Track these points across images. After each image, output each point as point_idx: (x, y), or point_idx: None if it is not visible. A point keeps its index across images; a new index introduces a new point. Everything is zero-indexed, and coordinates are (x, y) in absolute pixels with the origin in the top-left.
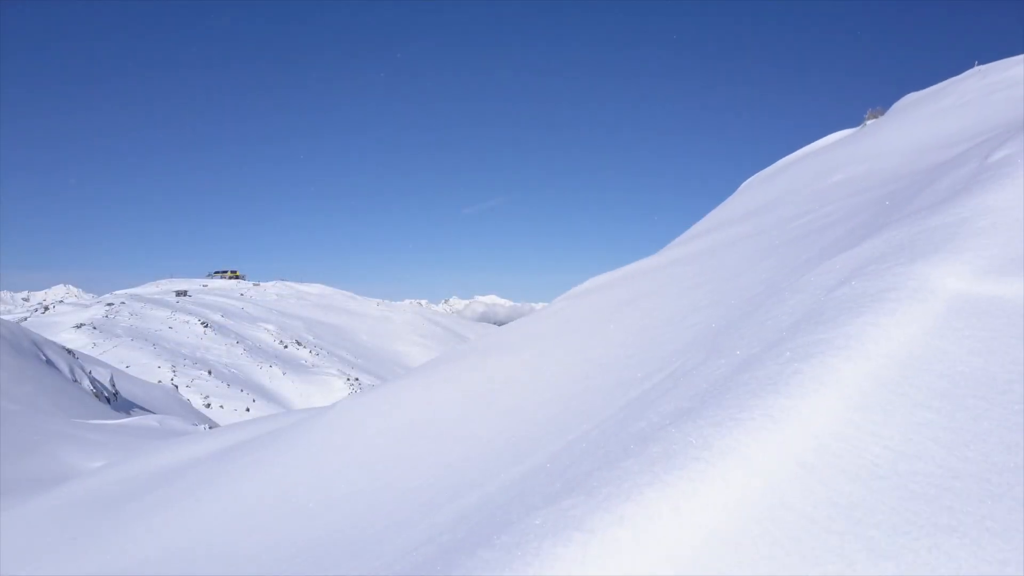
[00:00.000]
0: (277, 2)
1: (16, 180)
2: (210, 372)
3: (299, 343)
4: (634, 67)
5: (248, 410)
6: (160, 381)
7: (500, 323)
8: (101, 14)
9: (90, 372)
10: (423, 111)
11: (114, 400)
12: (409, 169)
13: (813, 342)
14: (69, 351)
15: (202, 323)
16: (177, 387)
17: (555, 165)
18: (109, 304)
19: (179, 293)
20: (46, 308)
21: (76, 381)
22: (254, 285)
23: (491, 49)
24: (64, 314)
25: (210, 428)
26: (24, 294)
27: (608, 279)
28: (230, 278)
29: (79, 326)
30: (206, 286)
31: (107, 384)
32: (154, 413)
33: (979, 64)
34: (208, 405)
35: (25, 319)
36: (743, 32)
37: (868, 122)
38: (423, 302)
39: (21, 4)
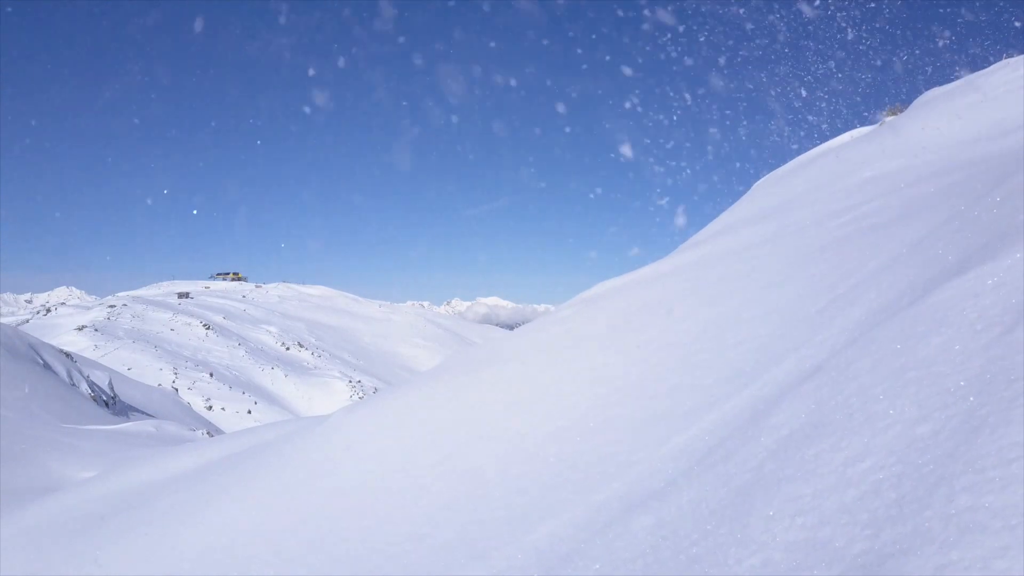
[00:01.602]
0: (280, 1)
1: (20, 182)
2: (212, 374)
3: (301, 345)
4: (640, 65)
5: (250, 412)
6: (161, 384)
7: (502, 325)
8: (104, 14)
9: (88, 376)
10: (426, 111)
11: (112, 404)
12: (412, 170)
13: None
14: (67, 354)
15: (204, 325)
16: (178, 390)
17: (559, 166)
18: (111, 306)
19: (181, 295)
20: (48, 310)
21: (74, 385)
22: (256, 287)
23: (495, 48)
24: (66, 316)
25: (208, 432)
26: (27, 296)
27: (621, 283)
28: (232, 280)
29: (81, 328)
30: (208, 288)
31: (105, 388)
32: (153, 417)
33: (1007, 57)
34: (210, 408)
35: (27, 321)
36: (751, 30)
37: (887, 119)
38: (425, 304)
39: (23, 4)
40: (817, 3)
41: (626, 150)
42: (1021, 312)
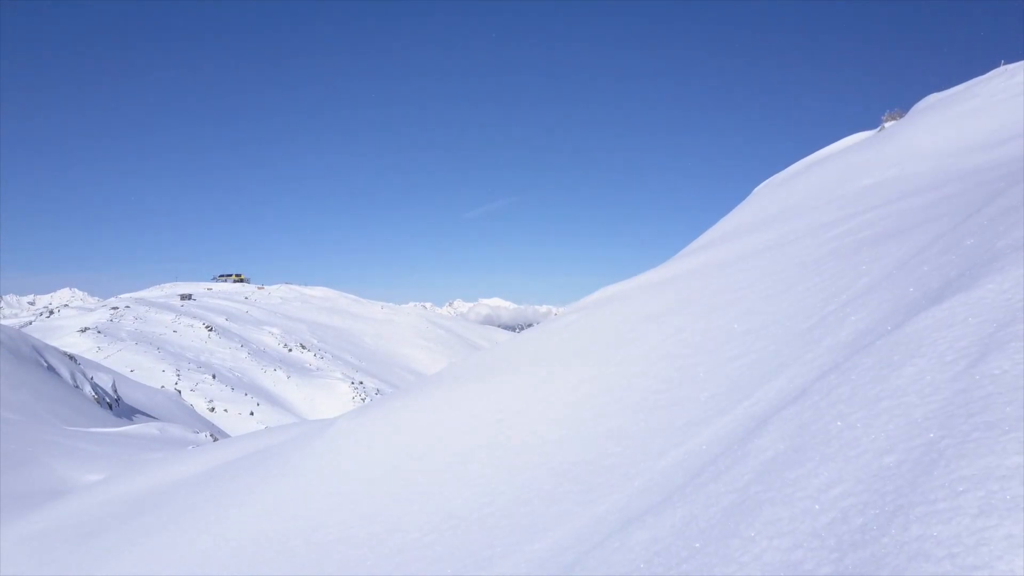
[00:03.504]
0: (281, 2)
1: (22, 184)
2: (214, 376)
3: (303, 346)
4: (640, 68)
5: (252, 414)
6: (164, 386)
7: (504, 326)
8: (105, 15)
9: (92, 378)
10: (428, 113)
11: (116, 406)
12: (413, 172)
13: None
14: (71, 356)
15: (206, 327)
16: (181, 392)
17: (560, 168)
18: (114, 308)
19: (183, 297)
20: (51, 312)
21: (78, 387)
22: (258, 288)
23: (496, 50)
24: (69, 318)
25: (212, 435)
26: (30, 298)
27: (622, 290)
28: (234, 281)
29: (84, 330)
30: (210, 289)
31: (109, 390)
32: (156, 419)
33: (1005, 63)
34: (212, 409)
35: (30, 323)
36: (754, 33)
37: (887, 124)
38: (427, 305)
39: (23, 4)
40: (818, 6)
41: (629, 151)
42: (987, 345)
